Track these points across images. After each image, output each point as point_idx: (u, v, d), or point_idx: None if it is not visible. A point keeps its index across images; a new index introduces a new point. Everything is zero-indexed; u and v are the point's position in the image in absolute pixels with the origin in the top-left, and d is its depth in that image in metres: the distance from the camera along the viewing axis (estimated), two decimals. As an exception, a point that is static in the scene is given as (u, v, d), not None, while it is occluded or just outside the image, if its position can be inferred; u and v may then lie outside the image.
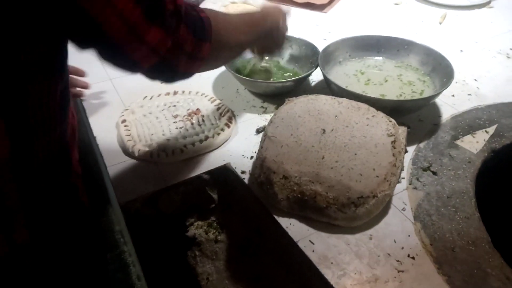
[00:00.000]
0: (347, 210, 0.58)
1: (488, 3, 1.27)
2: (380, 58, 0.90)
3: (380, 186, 0.58)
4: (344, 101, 0.69)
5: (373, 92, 0.80)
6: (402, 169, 0.68)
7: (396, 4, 1.29)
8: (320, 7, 1.23)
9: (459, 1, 1.26)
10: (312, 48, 0.90)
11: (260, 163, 0.63)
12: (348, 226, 0.59)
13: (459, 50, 1.04)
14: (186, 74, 0.53)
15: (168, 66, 0.49)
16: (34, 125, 0.42)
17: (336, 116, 0.66)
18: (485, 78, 0.94)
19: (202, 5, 1.12)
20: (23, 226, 0.45)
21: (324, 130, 0.64)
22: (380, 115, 0.67)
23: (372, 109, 0.68)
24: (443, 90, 0.75)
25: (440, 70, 0.82)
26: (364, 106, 0.68)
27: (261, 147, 0.65)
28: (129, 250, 0.69)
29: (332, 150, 0.61)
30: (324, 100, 0.69)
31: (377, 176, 0.59)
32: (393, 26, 1.15)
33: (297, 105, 0.69)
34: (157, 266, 0.72)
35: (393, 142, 0.62)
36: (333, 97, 0.70)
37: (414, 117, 0.80)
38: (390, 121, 0.66)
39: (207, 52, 0.52)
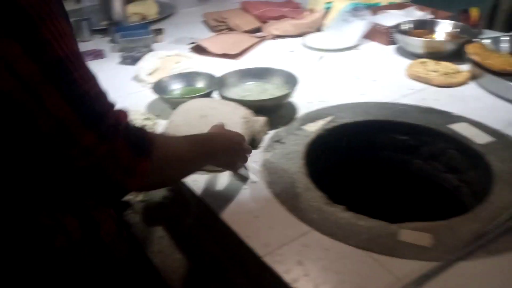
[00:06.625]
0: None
1: (356, 46, 1.75)
2: (260, 81, 1.33)
3: (235, 144, 0.96)
4: (220, 100, 1.09)
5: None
6: (260, 142, 1.07)
7: (291, 51, 1.76)
8: (234, 56, 1.69)
9: (334, 46, 1.74)
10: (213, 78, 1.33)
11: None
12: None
13: (330, 79, 1.49)
14: (121, 189, 0.54)
15: (102, 173, 0.50)
16: None
17: (211, 108, 1.05)
18: (337, 92, 1.37)
19: (143, 59, 1.54)
20: None
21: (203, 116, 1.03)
22: (242, 108, 1.07)
23: (238, 105, 1.08)
24: (290, 92, 1.17)
25: (294, 84, 1.24)
26: (232, 103, 1.08)
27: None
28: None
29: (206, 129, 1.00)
30: (207, 101, 1.09)
31: (233, 139, 0.97)
32: (286, 65, 1.60)
33: (191, 104, 1.09)
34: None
35: (245, 122, 1.01)
36: (212, 98, 1.10)
37: (279, 114, 1.21)
38: (247, 111, 1.06)
39: (146, 169, 0.53)
